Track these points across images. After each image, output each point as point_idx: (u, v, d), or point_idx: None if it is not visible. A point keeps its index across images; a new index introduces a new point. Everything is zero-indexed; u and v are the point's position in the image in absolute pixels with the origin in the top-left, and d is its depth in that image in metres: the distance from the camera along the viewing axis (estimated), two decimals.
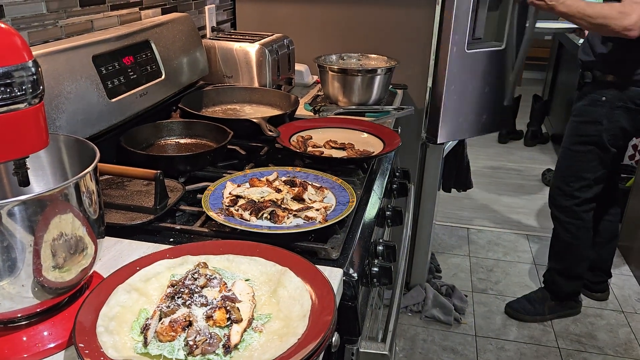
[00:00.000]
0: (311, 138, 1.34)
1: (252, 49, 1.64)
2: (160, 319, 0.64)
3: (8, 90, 0.56)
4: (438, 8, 1.89)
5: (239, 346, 0.62)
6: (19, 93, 0.57)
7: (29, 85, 0.58)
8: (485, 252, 2.87)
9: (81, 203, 0.64)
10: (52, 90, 1.02)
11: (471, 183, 2.47)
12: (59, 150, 0.74)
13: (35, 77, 0.59)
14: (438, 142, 2.04)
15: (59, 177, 0.74)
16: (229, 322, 0.64)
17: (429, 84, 2.00)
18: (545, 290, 2.38)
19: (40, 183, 0.74)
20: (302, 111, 1.63)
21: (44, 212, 0.59)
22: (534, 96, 4.54)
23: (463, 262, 2.76)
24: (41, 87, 0.60)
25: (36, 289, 0.62)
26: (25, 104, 0.58)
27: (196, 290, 0.67)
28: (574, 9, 1.77)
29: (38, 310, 0.65)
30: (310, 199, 0.98)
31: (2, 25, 0.57)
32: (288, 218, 0.92)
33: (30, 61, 0.59)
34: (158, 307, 0.66)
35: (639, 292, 2.54)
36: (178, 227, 0.93)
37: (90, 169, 0.64)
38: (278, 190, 0.99)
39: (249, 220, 0.91)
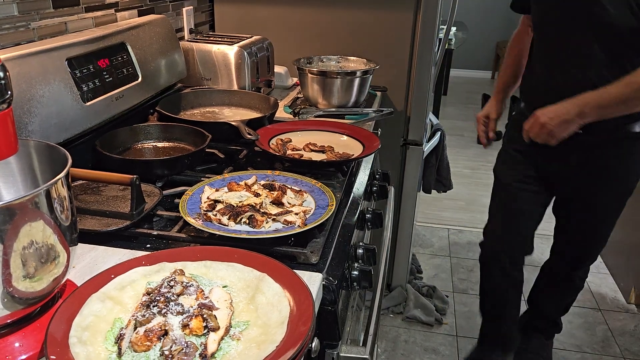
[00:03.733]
0: (290, 141, 1.34)
1: (231, 51, 1.62)
2: (135, 329, 0.63)
3: None
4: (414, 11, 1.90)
5: (216, 355, 0.61)
6: None
7: None
8: (466, 252, 2.89)
9: (52, 210, 0.62)
10: (24, 94, 1.00)
11: (451, 184, 2.48)
12: (29, 156, 0.72)
13: (2, 81, 0.57)
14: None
15: (29, 184, 0.72)
16: (205, 331, 0.63)
17: (409, 86, 2.01)
18: None
19: (10, 190, 0.72)
20: (281, 114, 1.62)
21: (13, 221, 0.57)
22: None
23: (444, 263, 2.78)
24: (9, 92, 0.58)
25: (6, 299, 0.60)
26: None
27: (172, 298, 0.66)
28: (606, 102, 1.34)
29: (8, 321, 0.63)
30: (289, 203, 0.97)
31: None
32: (267, 222, 0.91)
33: None
34: (133, 316, 0.64)
35: (616, 290, 2.59)
36: (155, 232, 0.92)
37: (61, 175, 0.62)
38: (257, 195, 0.98)
39: (227, 225, 0.90)
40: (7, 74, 0.58)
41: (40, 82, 1.04)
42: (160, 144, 1.30)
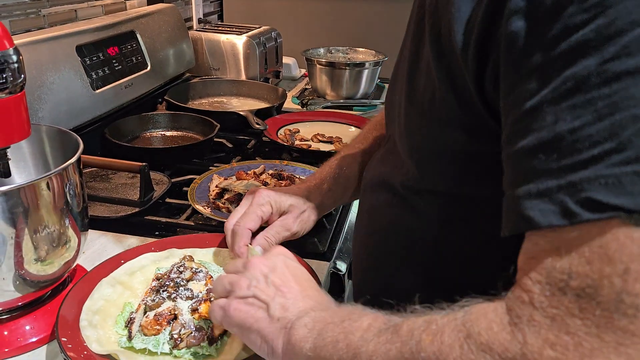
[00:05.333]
0: (299, 131, 1.34)
1: (239, 41, 1.62)
2: (145, 313, 0.63)
3: None
4: None
5: (224, 338, 0.61)
6: None
7: (10, 74, 0.56)
8: None
9: (64, 195, 0.62)
10: (35, 81, 1.00)
11: None
12: (41, 141, 0.72)
13: (16, 65, 0.57)
14: None
15: (41, 169, 0.73)
16: None
17: None
18: None
19: (22, 175, 0.72)
20: (289, 104, 1.62)
21: (25, 204, 0.58)
22: None
23: None
24: (22, 76, 0.59)
25: (17, 282, 0.60)
26: (5, 92, 0.56)
27: (182, 283, 0.66)
28: None
29: (20, 303, 0.64)
30: None
31: None
32: None
33: (10, 49, 0.57)
34: (143, 300, 0.65)
35: None
36: (164, 220, 0.92)
37: (73, 160, 0.63)
38: (265, 184, 0.98)
39: None
40: (21, 57, 0.58)
41: (51, 69, 1.04)
42: (168, 133, 1.30)
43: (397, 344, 0.42)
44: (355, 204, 1.03)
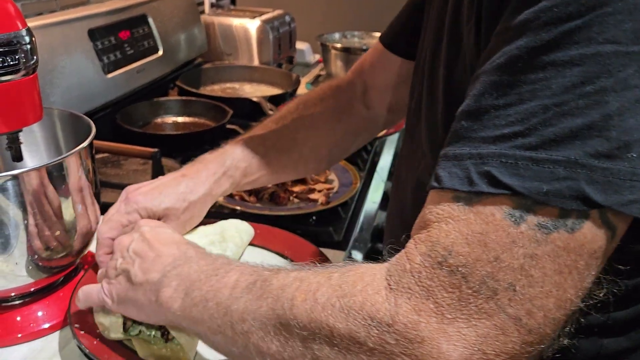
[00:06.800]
0: None
1: (252, 25, 1.60)
2: None
3: (0, 60, 0.54)
4: None
5: None
6: (11, 63, 0.54)
7: (22, 55, 0.55)
8: None
9: (76, 180, 0.61)
10: (46, 65, 0.99)
11: None
12: (53, 125, 0.71)
13: (28, 46, 0.56)
14: None
15: (53, 153, 0.72)
16: None
17: None
18: None
19: (34, 159, 0.71)
20: (303, 91, 1.59)
21: (36, 189, 0.57)
22: None
23: None
24: (35, 58, 0.57)
25: (30, 267, 0.60)
26: (18, 74, 0.55)
27: None
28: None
29: (32, 289, 0.63)
30: (312, 180, 0.96)
31: None
32: (289, 200, 0.90)
33: (23, 29, 0.56)
34: None
35: None
36: None
37: (85, 144, 0.62)
38: None
39: (249, 202, 0.89)
40: (33, 39, 0.57)
41: (62, 53, 1.03)
42: (180, 119, 1.29)
43: (269, 300, 0.42)
44: (373, 194, 1.02)
